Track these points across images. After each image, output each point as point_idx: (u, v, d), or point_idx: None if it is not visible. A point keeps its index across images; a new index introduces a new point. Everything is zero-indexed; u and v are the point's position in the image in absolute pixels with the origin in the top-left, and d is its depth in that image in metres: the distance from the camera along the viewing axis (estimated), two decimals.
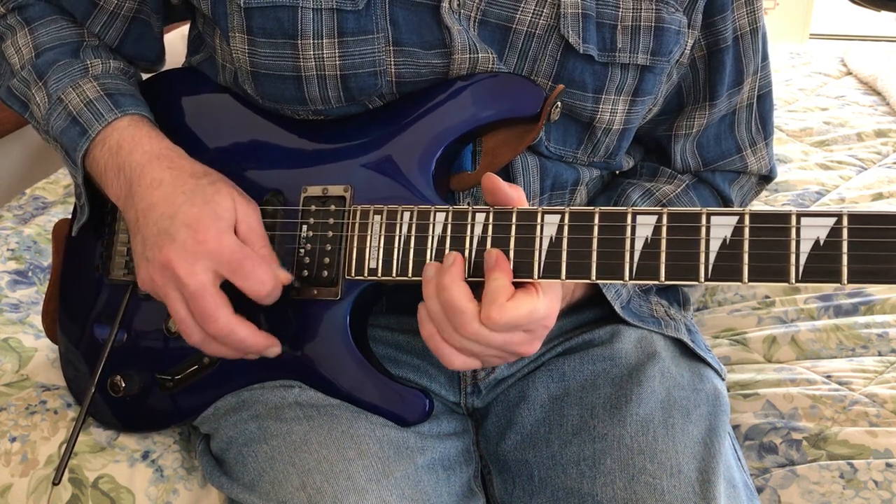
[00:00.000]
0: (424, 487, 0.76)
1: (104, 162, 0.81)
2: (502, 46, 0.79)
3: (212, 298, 0.72)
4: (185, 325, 0.75)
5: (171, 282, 0.73)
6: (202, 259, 0.72)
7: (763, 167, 0.97)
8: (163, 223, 0.74)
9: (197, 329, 0.74)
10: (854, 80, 2.15)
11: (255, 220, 0.77)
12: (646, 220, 0.66)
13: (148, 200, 0.76)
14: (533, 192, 0.84)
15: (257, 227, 0.77)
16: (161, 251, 0.73)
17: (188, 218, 0.74)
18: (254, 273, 0.73)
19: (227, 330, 0.73)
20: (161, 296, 0.75)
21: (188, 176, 0.77)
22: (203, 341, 0.75)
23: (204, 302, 0.72)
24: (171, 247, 0.73)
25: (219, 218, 0.74)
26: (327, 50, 0.77)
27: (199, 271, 0.72)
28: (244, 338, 0.74)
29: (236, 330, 0.74)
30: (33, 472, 0.88)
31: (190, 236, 0.73)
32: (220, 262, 0.73)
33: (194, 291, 0.72)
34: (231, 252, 0.73)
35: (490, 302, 0.66)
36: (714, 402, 0.83)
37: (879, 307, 1.17)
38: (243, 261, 0.73)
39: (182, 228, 0.73)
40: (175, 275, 0.72)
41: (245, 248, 0.74)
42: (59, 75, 0.84)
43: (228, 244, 0.73)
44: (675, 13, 0.81)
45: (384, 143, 0.79)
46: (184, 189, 0.76)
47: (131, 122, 0.82)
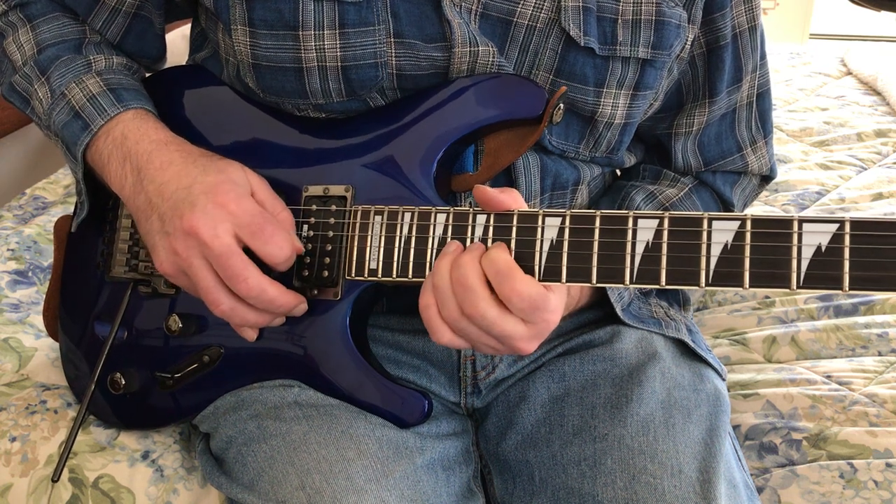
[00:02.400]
0: (423, 487, 0.76)
1: (108, 153, 0.80)
2: (503, 40, 0.79)
3: (240, 258, 0.72)
4: (212, 292, 0.73)
5: (196, 248, 0.72)
6: (223, 222, 0.72)
7: (763, 166, 0.97)
8: (180, 194, 0.74)
9: (225, 295, 0.74)
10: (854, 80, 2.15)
11: (268, 188, 0.78)
12: (647, 224, 0.66)
13: (160, 180, 0.76)
14: (534, 192, 0.84)
15: (272, 192, 0.78)
16: (182, 219, 0.72)
17: (205, 186, 0.74)
18: (273, 238, 0.73)
19: (258, 289, 0.73)
20: (185, 267, 0.74)
21: (198, 155, 0.78)
22: (231, 309, 0.74)
23: (233, 261, 0.72)
24: (191, 213, 0.72)
25: (236, 184, 0.74)
26: (328, 41, 0.77)
27: (221, 233, 0.71)
28: (275, 296, 0.74)
29: (267, 288, 0.73)
30: (33, 471, 0.88)
31: (210, 200, 0.72)
32: (240, 226, 0.72)
33: (221, 253, 0.71)
34: (251, 216, 0.73)
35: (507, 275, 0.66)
36: (714, 402, 0.84)
37: (879, 307, 1.18)
38: (264, 224, 0.73)
39: (201, 196, 0.73)
40: (199, 240, 0.72)
41: (265, 213, 0.74)
42: (62, 70, 0.84)
43: (248, 207, 0.73)
44: (676, 8, 0.82)
45: (386, 143, 0.79)
46: (196, 164, 0.76)
47: (136, 115, 0.82)
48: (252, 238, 0.73)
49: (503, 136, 0.79)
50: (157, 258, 0.76)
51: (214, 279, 0.73)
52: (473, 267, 0.67)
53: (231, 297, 0.74)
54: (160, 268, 0.76)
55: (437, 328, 0.69)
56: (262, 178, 0.78)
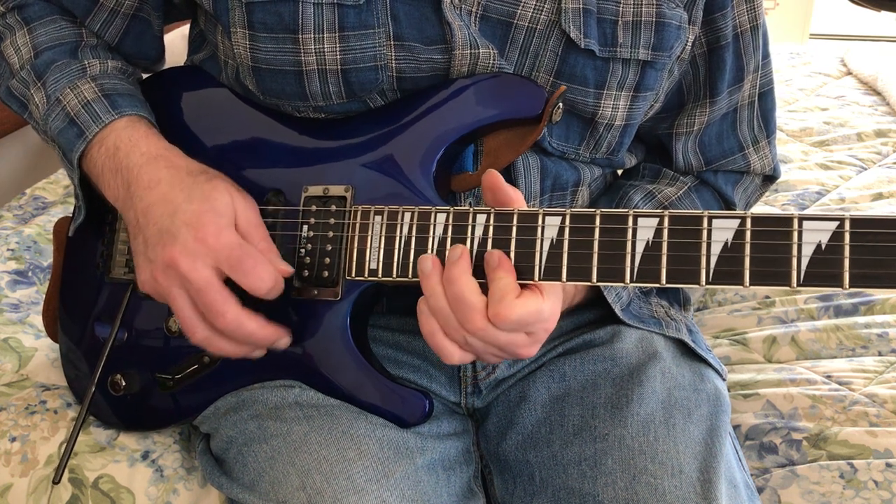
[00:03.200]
0: (424, 488, 0.76)
1: (101, 163, 0.81)
2: (503, 42, 0.79)
3: (218, 293, 0.72)
4: (190, 322, 0.74)
5: (176, 280, 0.73)
6: (203, 256, 0.72)
7: (766, 166, 0.97)
8: (163, 222, 0.74)
9: (201, 326, 0.74)
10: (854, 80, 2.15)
11: (253, 215, 0.77)
12: (647, 223, 0.66)
13: (147, 200, 0.76)
14: (533, 193, 0.84)
15: (256, 222, 0.77)
16: (164, 250, 0.73)
17: (187, 216, 0.74)
18: (254, 270, 0.73)
19: (235, 323, 0.73)
20: (164, 295, 0.75)
21: (185, 174, 0.77)
22: (207, 339, 0.75)
23: (211, 297, 0.72)
24: (172, 246, 0.73)
25: (218, 215, 0.74)
26: (328, 44, 0.77)
27: (200, 267, 0.72)
28: (253, 331, 0.74)
29: (245, 323, 0.73)
30: (33, 472, 0.88)
31: (191, 235, 0.73)
32: (219, 260, 0.73)
33: (200, 288, 0.72)
34: (230, 249, 0.73)
35: (499, 300, 0.66)
36: (715, 402, 0.83)
37: (879, 307, 1.18)
38: (243, 258, 0.73)
39: (182, 227, 0.73)
40: (179, 273, 0.72)
41: (245, 245, 0.74)
42: (58, 76, 0.84)
43: (227, 241, 0.73)
44: (676, 9, 0.82)
45: (385, 143, 0.79)
46: (182, 187, 0.76)
47: (129, 123, 0.81)
48: (232, 271, 0.73)
49: (503, 135, 0.79)
50: (139, 277, 0.77)
51: (192, 310, 0.74)
52: (467, 280, 0.68)
53: (207, 327, 0.74)
54: (141, 287, 0.77)
55: (446, 350, 0.70)
56: (250, 202, 0.77)
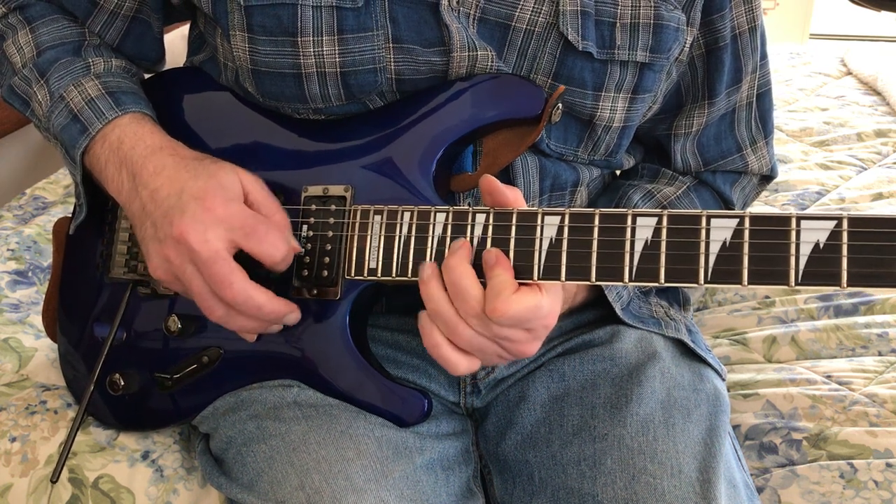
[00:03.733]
0: (423, 487, 0.76)
1: (105, 157, 0.81)
2: (501, 44, 0.79)
3: (225, 263, 0.71)
4: (205, 299, 0.73)
5: (186, 255, 0.72)
6: (213, 227, 0.72)
7: (764, 166, 0.97)
8: (170, 201, 0.74)
9: (218, 302, 0.73)
10: (854, 80, 2.15)
11: (262, 189, 0.77)
12: (646, 222, 0.66)
13: (153, 185, 0.76)
14: (532, 193, 0.84)
15: (266, 194, 0.77)
16: (172, 226, 0.72)
17: (195, 191, 0.73)
18: (267, 237, 0.73)
19: (243, 295, 0.72)
20: (178, 274, 0.74)
21: (191, 159, 0.78)
22: (226, 315, 0.74)
23: (217, 268, 0.71)
24: (181, 219, 0.72)
25: (225, 189, 0.74)
26: (327, 47, 0.77)
27: (210, 238, 0.71)
28: (262, 303, 0.73)
29: (253, 295, 0.73)
30: (33, 472, 0.88)
31: (199, 206, 0.72)
32: (232, 228, 0.72)
33: (206, 259, 0.71)
34: (243, 218, 0.73)
35: (495, 295, 0.66)
36: (714, 402, 0.83)
37: (879, 307, 1.18)
38: (256, 225, 0.73)
39: (190, 201, 0.73)
40: (188, 246, 0.71)
41: (257, 214, 0.74)
42: (61, 73, 0.84)
43: (237, 210, 0.73)
44: (674, 11, 0.82)
45: (385, 143, 0.79)
46: (187, 168, 0.76)
47: (133, 119, 0.82)
48: (245, 239, 0.72)
49: (502, 135, 0.79)
50: (151, 264, 0.76)
51: (206, 287, 0.73)
52: (465, 269, 0.68)
53: (224, 304, 0.74)
54: (154, 273, 0.76)
55: (452, 361, 0.69)
56: (257, 179, 0.77)
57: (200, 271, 0.72)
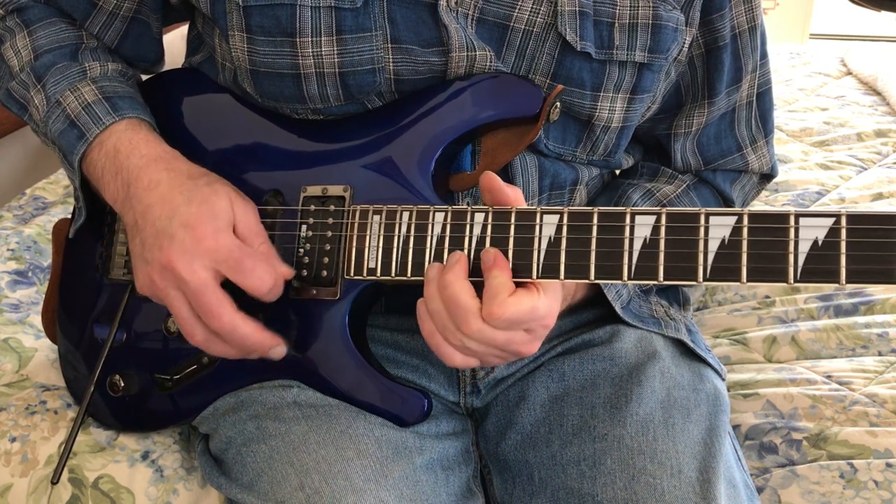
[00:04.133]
0: (423, 487, 0.76)
1: (101, 165, 0.81)
2: (500, 44, 0.79)
3: (213, 294, 0.72)
4: (188, 324, 0.74)
5: (172, 282, 0.73)
6: (200, 257, 0.72)
7: (764, 165, 0.97)
8: (161, 224, 0.74)
9: (200, 328, 0.74)
10: (854, 80, 2.15)
11: (252, 219, 0.77)
12: (644, 221, 0.66)
13: (146, 202, 0.76)
14: (531, 192, 0.84)
15: (255, 225, 0.77)
16: (161, 251, 0.73)
17: (186, 218, 0.73)
18: (253, 271, 0.73)
19: (230, 326, 0.73)
20: (161, 297, 0.75)
21: (185, 177, 0.77)
22: (206, 341, 0.75)
23: (206, 298, 0.72)
24: (170, 247, 0.73)
25: (216, 217, 0.74)
26: (326, 48, 0.77)
27: (198, 269, 0.72)
28: (247, 334, 0.74)
29: (239, 326, 0.73)
30: (33, 472, 0.88)
31: (188, 235, 0.73)
32: (218, 261, 0.73)
33: (196, 289, 0.72)
34: (229, 250, 0.73)
35: (491, 298, 0.66)
36: (714, 401, 0.83)
37: (879, 307, 1.17)
38: (242, 259, 0.73)
39: (180, 228, 0.73)
40: (176, 274, 0.72)
41: (244, 247, 0.74)
42: (58, 78, 0.84)
43: (226, 242, 0.73)
44: (673, 11, 0.82)
45: (384, 143, 0.79)
46: (181, 190, 0.76)
47: (129, 125, 0.82)
48: (232, 272, 0.73)
49: (500, 135, 0.79)
50: (137, 279, 0.77)
51: (189, 312, 0.74)
52: (461, 284, 0.68)
53: (205, 330, 0.74)
54: (140, 289, 0.77)
55: (447, 353, 0.70)
56: (249, 206, 0.77)
57: (188, 299, 0.73)
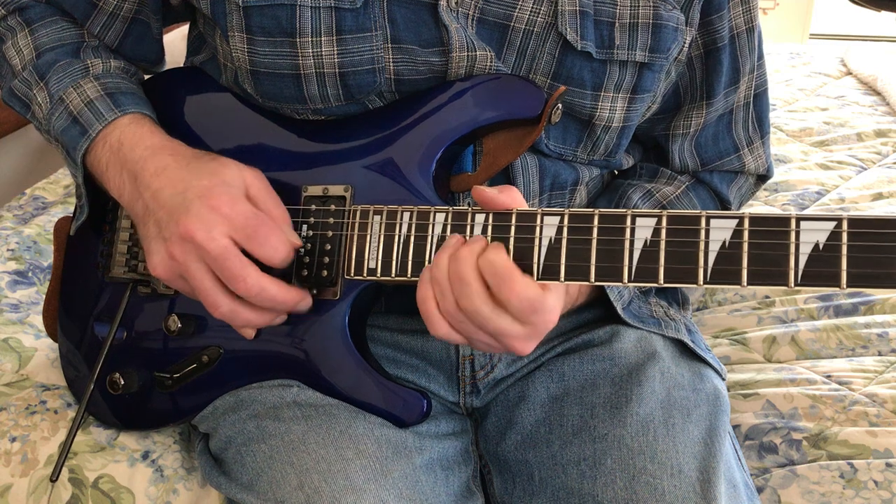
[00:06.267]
0: (422, 487, 0.76)
1: (105, 159, 0.81)
2: (500, 44, 0.79)
3: (237, 258, 0.72)
4: (212, 295, 0.74)
5: (192, 252, 0.72)
6: (218, 225, 0.72)
7: (760, 166, 0.97)
8: (174, 201, 0.74)
9: (224, 297, 0.74)
10: (854, 80, 2.15)
11: (263, 182, 0.77)
12: (645, 223, 0.66)
13: (155, 186, 0.76)
14: (532, 192, 0.84)
15: (267, 189, 0.77)
16: (178, 224, 0.72)
17: (199, 189, 0.73)
18: (268, 240, 0.73)
19: (258, 287, 0.72)
20: (182, 271, 0.74)
21: (191, 158, 0.78)
22: (231, 311, 0.74)
23: (230, 263, 0.72)
24: (186, 218, 0.72)
25: (228, 185, 0.74)
26: (326, 48, 0.77)
27: (217, 236, 0.72)
28: (275, 294, 0.74)
29: (267, 287, 0.73)
30: (33, 472, 0.88)
31: (204, 204, 0.72)
32: (235, 228, 0.72)
33: (218, 255, 0.72)
34: (245, 218, 0.73)
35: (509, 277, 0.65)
36: (714, 401, 0.83)
37: (879, 307, 1.18)
38: (258, 227, 0.73)
39: (195, 200, 0.73)
40: (195, 244, 0.72)
41: (259, 214, 0.74)
42: (60, 75, 0.84)
43: (242, 210, 0.73)
44: (673, 11, 0.82)
45: (385, 143, 0.79)
46: (189, 169, 0.76)
47: (132, 120, 0.82)
48: (247, 241, 0.73)
49: (502, 136, 0.79)
50: (151, 262, 0.76)
51: (213, 282, 0.73)
52: (471, 262, 0.67)
53: (230, 298, 0.74)
54: (154, 272, 0.76)
55: (435, 321, 0.69)
56: (258, 172, 0.78)
57: (211, 267, 0.73)
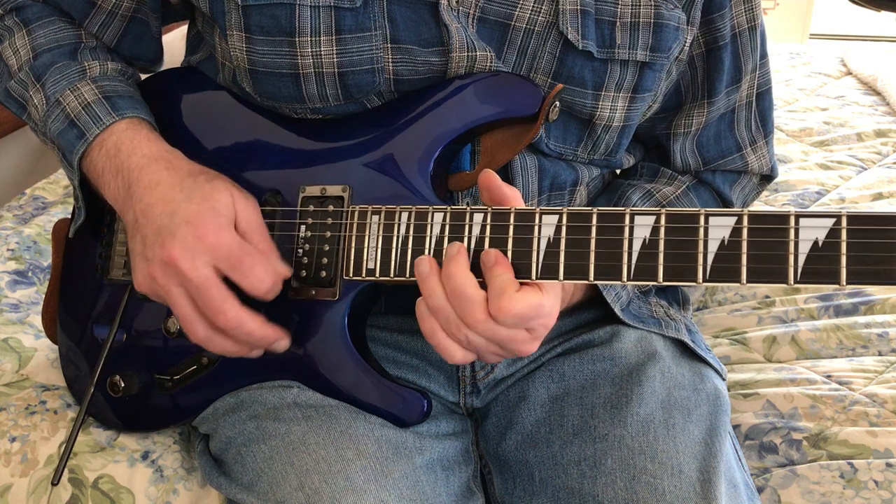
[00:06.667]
0: (423, 487, 0.76)
1: (102, 164, 0.80)
2: (501, 44, 0.79)
3: (217, 290, 0.72)
4: (190, 321, 0.74)
5: (174, 278, 0.73)
6: (202, 254, 0.72)
7: (763, 166, 0.97)
8: (162, 221, 0.74)
9: (202, 325, 0.74)
10: (854, 80, 2.15)
11: (253, 215, 0.77)
12: (644, 221, 0.66)
13: (146, 201, 0.76)
14: (531, 193, 0.84)
15: (256, 221, 0.76)
16: (163, 248, 0.73)
17: (187, 214, 0.73)
18: (252, 271, 0.73)
19: (235, 322, 0.73)
20: (162, 294, 0.74)
21: (186, 175, 0.77)
22: (207, 338, 0.75)
23: (210, 294, 0.72)
24: (171, 243, 0.72)
25: (218, 214, 0.74)
26: (325, 47, 0.77)
27: (199, 265, 0.72)
28: (252, 330, 0.74)
29: (245, 322, 0.73)
30: (33, 472, 0.88)
31: (190, 232, 0.72)
32: (218, 259, 0.72)
33: (199, 285, 0.72)
34: (229, 249, 0.73)
35: (499, 294, 0.66)
36: (714, 401, 0.83)
37: (879, 307, 1.17)
38: (242, 258, 0.73)
39: (182, 225, 0.73)
40: (178, 270, 0.72)
41: (244, 245, 0.74)
42: (57, 77, 0.84)
43: (227, 240, 0.73)
44: (674, 10, 0.82)
45: (383, 143, 0.79)
46: (182, 188, 0.76)
47: (129, 124, 0.81)
48: (231, 271, 0.73)
49: (500, 134, 0.79)
50: (136, 277, 0.76)
51: (192, 309, 0.73)
52: (465, 275, 0.67)
53: (207, 326, 0.74)
54: (138, 288, 0.76)
55: (448, 349, 0.69)
56: (251, 202, 0.77)
57: (192, 296, 0.73)
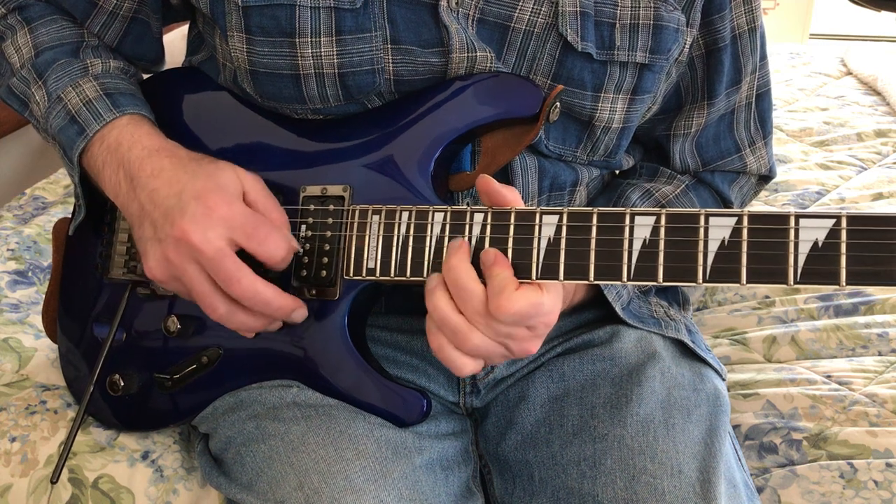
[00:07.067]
0: (422, 487, 0.76)
1: (102, 159, 0.80)
2: (501, 45, 0.79)
3: (232, 260, 0.72)
4: (208, 297, 0.73)
5: (188, 254, 0.72)
6: (215, 227, 0.72)
7: (762, 167, 0.97)
8: (170, 201, 0.74)
9: (221, 300, 0.73)
10: (854, 80, 2.15)
11: (261, 188, 0.77)
12: (644, 221, 0.66)
13: (151, 186, 0.76)
14: (531, 193, 0.84)
15: (265, 193, 0.77)
16: (174, 226, 0.72)
17: (195, 191, 0.73)
18: (268, 239, 0.73)
19: (252, 290, 0.72)
20: (178, 274, 0.74)
21: (188, 160, 0.78)
22: (228, 313, 0.74)
23: (224, 265, 0.71)
24: (182, 219, 0.72)
25: (225, 188, 0.74)
26: (325, 48, 0.77)
27: (212, 238, 0.71)
28: (270, 298, 0.73)
29: (261, 290, 0.73)
30: (33, 472, 0.88)
31: (199, 207, 0.72)
32: (233, 229, 0.72)
33: (213, 257, 0.71)
34: (244, 218, 0.73)
35: (498, 293, 0.66)
36: (714, 402, 0.83)
37: (879, 307, 1.17)
38: (257, 226, 0.73)
39: (191, 201, 0.73)
40: (191, 246, 0.71)
41: (257, 214, 0.74)
42: (59, 74, 0.84)
43: (239, 210, 0.73)
44: (674, 12, 0.82)
45: (383, 143, 0.79)
46: (185, 170, 0.76)
47: (130, 120, 0.82)
48: (247, 240, 0.72)
49: (500, 135, 0.79)
50: (147, 264, 0.76)
51: (209, 284, 0.73)
52: (465, 267, 0.68)
53: (227, 301, 0.74)
54: (150, 274, 0.75)
55: (457, 362, 0.69)
56: (257, 177, 0.78)
57: (206, 269, 0.72)
